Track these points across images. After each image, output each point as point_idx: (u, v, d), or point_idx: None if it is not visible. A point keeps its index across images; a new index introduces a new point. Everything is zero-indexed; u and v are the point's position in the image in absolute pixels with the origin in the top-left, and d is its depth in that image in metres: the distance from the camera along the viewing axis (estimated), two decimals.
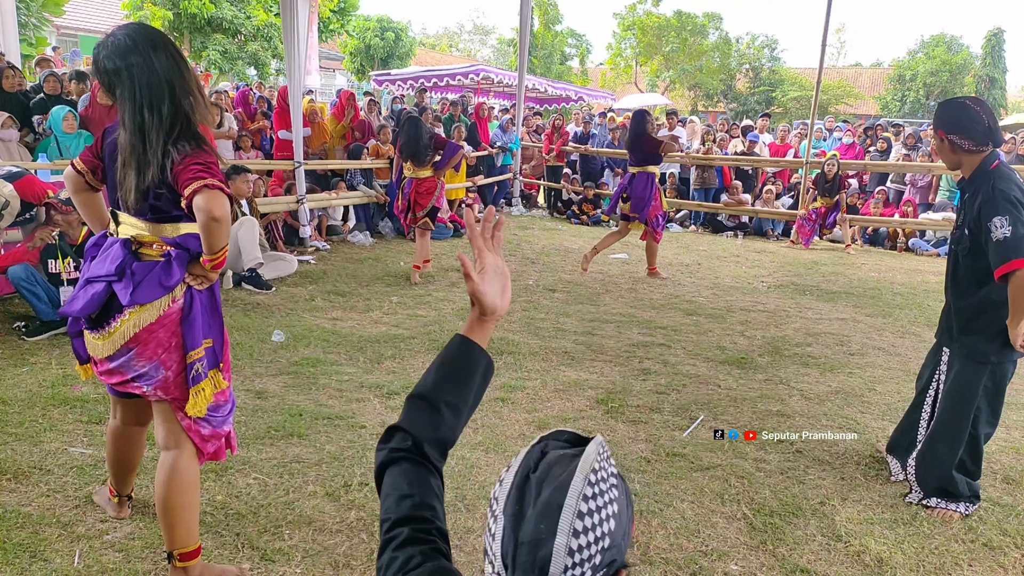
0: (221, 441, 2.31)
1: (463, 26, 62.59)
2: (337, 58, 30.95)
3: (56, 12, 14.95)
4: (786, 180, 11.57)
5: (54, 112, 6.35)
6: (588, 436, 0.98)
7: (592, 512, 0.87)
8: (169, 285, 2.08)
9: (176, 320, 2.12)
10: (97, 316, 2.12)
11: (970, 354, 2.87)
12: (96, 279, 2.10)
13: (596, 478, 0.89)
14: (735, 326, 5.60)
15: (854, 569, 2.55)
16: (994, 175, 2.72)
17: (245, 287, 5.90)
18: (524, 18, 11.32)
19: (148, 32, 2.08)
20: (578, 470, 0.89)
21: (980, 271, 2.77)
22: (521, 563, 0.87)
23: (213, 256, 2.06)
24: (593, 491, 0.88)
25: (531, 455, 0.96)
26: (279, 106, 8.43)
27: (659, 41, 32.60)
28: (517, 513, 0.90)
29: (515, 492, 0.91)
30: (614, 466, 0.95)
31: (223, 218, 1.97)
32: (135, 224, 2.11)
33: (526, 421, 3.61)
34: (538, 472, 0.92)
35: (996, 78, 30.42)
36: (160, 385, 2.15)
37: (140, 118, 2.01)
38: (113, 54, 2.02)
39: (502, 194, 12.00)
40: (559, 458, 0.93)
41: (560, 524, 0.86)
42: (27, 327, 4.50)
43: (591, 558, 0.86)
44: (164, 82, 2.02)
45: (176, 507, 2.17)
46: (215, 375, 2.20)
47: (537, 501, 0.88)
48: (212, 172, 1.99)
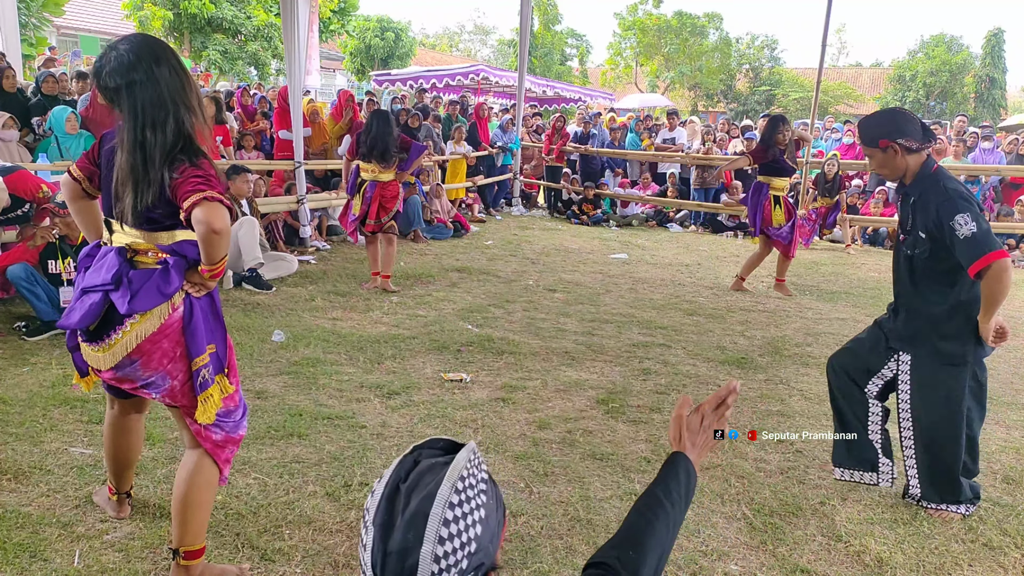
0: (237, 447, 2.29)
1: (463, 26, 62.57)
2: (337, 58, 30.95)
3: (56, 12, 14.97)
4: None
5: (55, 112, 6.35)
6: (461, 444, 1.00)
7: (458, 519, 0.90)
8: (168, 292, 2.05)
9: (179, 329, 2.09)
10: (96, 328, 2.08)
11: (947, 359, 2.81)
12: (92, 289, 2.06)
13: (464, 485, 0.92)
14: (735, 326, 5.60)
15: (854, 569, 2.55)
16: (940, 176, 2.75)
17: (245, 287, 5.90)
18: (524, 18, 11.33)
19: (151, 45, 2.04)
20: (445, 478, 0.92)
21: (947, 273, 2.75)
22: (390, 572, 0.89)
23: (212, 267, 2.04)
24: (460, 498, 0.91)
25: (403, 465, 0.97)
26: (279, 106, 8.43)
27: (659, 41, 32.59)
28: (386, 523, 0.91)
29: (384, 503, 0.93)
30: (485, 471, 0.98)
31: (223, 230, 1.95)
32: (130, 233, 2.08)
33: (527, 421, 3.62)
34: (408, 482, 0.94)
35: (996, 78, 30.42)
36: (167, 393, 2.14)
37: (142, 137, 1.98)
38: (115, 71, 1.98)
39: (502, 194, 12.00)
40: (430, 467, 0.95)
41: (427, 532, 0.88)
42: (27, 327, 4.50)
43: (457, 563, 0.89)
44: (168, 99, 1.99)
45: (192, 504, 2.17)
46: (221, 380, 2.19)
47: (405, 511, 0.91)
48: (211, 184, 1.97)
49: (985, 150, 10.03)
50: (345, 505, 2.75)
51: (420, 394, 3.90)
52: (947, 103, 31.58)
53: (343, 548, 2.49)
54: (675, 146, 11.52)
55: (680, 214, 11.35)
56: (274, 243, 7.24)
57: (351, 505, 2.75)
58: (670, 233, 10.75)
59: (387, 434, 3.38)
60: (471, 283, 6.63)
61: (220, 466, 2.23)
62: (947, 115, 29.10)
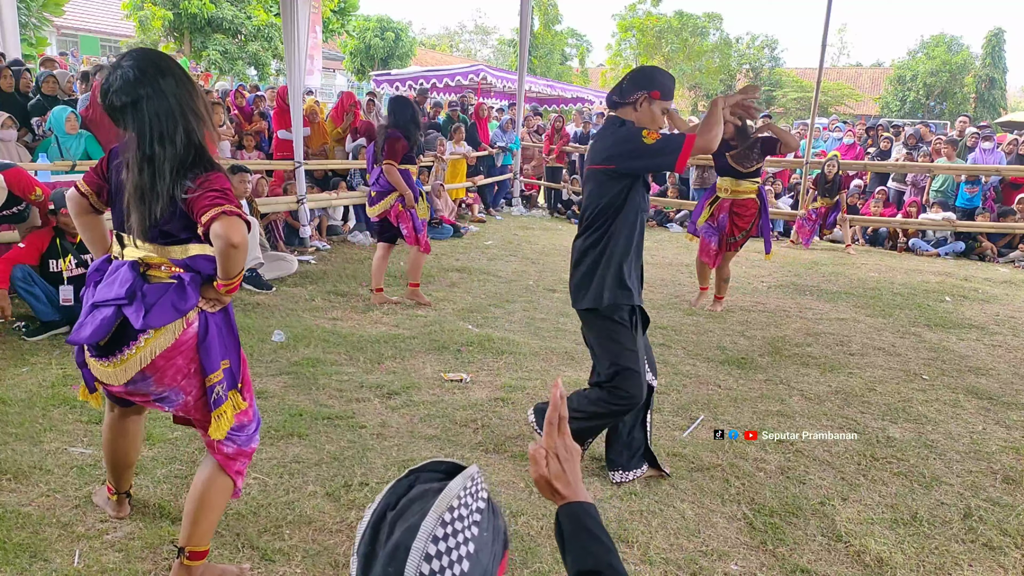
0: (249, 459, 2.28)
1: (464, 26, 62.64)
2: (337, 58, 30.97)
3: (56, 12, 14.97)
4: (786, 180, 11.58)
5: (55, 112, 6.35)
6: (464, 467, 0.94)
7: (441, 554, 0.84)
8: (183, 309, 2.02)
9: (193, 346, 2.06)
10: (107, 343, 2.05)
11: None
12: (104, 303, 2.02)
13: (452, 516, 0.86)
14: (735, 326, 5.60)
15: (854, 569, 2.55)
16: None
17: (245, 287, 5.90)
18: (524, 18, 11.32)
19: (153, 58, 2.01)
20: (432, 508, 0.86)
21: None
22: None
23: (228, 281, 2.02)
24: (445, 531, 0.85)
25: (396, 490, 0.92)
26: (279, 106, 8.43)
27: (659, 41, 32.60)
28: (369, 553, 0.86)
29: (370, 531, 0.88)
30: (484, 499, 0.92)
31: (242, 244, 1.93)
32: (143, 247, 2.05)
33: (527, 421, 3.61)
34: (396, 509, 0.88)
35: (996, 78, 30.45)
36: (181, 408, 2.13)
37: (151, 151, 1.95)
38: (121, 90, 1.95)
39: (502, 194, 12.00)
40: (422, 493, 0.90)
41: (407, 568, 0.83)
42: (27, 327, 4.50)
43: None
44: (176, 111, 1.97)
45: (206, 506, 2.17)
46: (234, 395, 2.17)
47: (388, 542, 0.85)
48: (228, 198, 1.95)
49: (985, 150, 10.02)
50: (345, 505, 2.75)
51: (420, 394, 3.90)
52: (947, 103, 31.61)
53: (343, 548, 2.49)
54: None
55: (680, 214, 11.34)
56: (274, 243, 7.24)
57: (351, 505, 2.75)
58: (670, 233, 10.75)
59: (387, 434, 3.38)
60: (471, 283, 6.63)
61: (232, 478, 2.22)
62: (947, 115, 29.11)
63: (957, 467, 3.35)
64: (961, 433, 3.73)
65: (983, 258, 9.44)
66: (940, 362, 4.89)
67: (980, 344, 5.40)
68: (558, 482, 1.12)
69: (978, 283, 7.76)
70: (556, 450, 1.13)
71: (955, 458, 3.44)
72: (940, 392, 4.31)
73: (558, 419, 1.14)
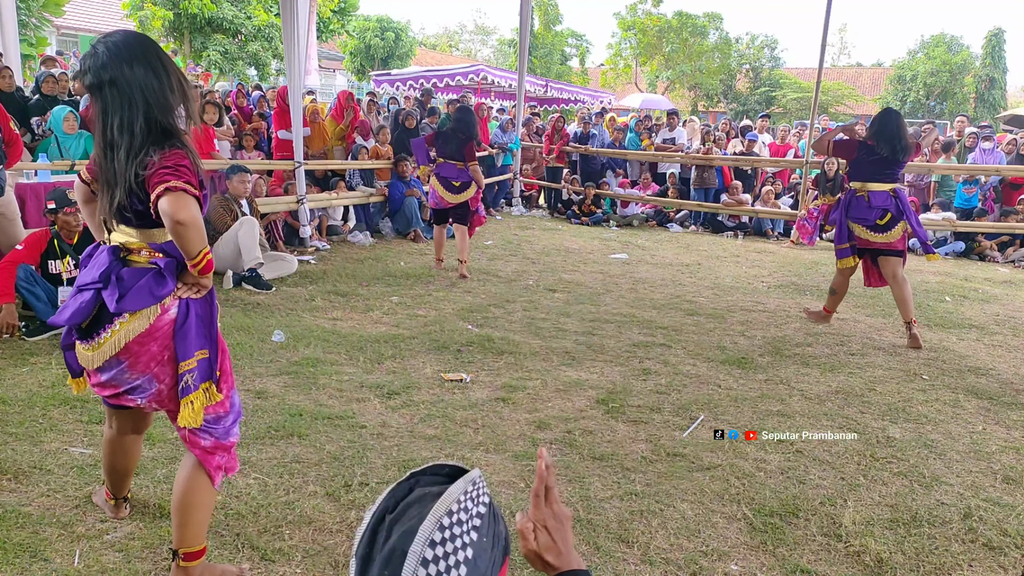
0: (230, 453, 2.26)
1: (464, 26, 62.62)
2: (337, 58, 30.97)
3: (56, 12, 14.95)
4: (786, 180, 11.58)
5: (55, 112, 6.35)
6: (467, 470, 0.94)
7: (439, 559, 0.83)
8: (160, 295, 2.02)
9: (169, 333, 2.06)
10: (88, 326, 2.07)
11: None
12: (85, 287, 2.05)
13: (451, 521, 0.86)
14: (735, 326, 5.60)
15: (854, 569, 2.55)
16: None
17: (245, 287, 5.90)
18: (524, 18, 11.32)
19: (130, 44, 1.98)
20: (431, 513, 0.86)
21: None
22: None
23: (194, 261, 1.99)
24: (443, 536, 0.85)
25: (396, 492, 0.92)
26: (279, 106, 8.42)
27: (659, 41, 32.60)
28: (366, 556, 0.86)
29: (368, 534, 0.88)
30: (485, 503, 0.91)
31: (188, 221, 1.89)
32: (124, 231, 2.07)
33: (527, 421, 3.61)
34: (395, 512, 0.88)
35: (996, 78, 30.43)
36: (154, 398, 2.12)
37: (110, 136, 1.96)
38: (90, 70, 1.95)
39: (502, 194, 12.00)
40: (421, 497, 0.90)
41: (403, 572, 0.82)
42: (27, 327, 4.49)
43: None
44: (137, 101, 1.94)
45: (190, 506, 2.16)
46: (208, 387, 2.12)
47: (385, 545, 0.85)
48: (179, 174, 1.91)
49: (985, 150, 10.02)
50: (345, 505, 2.75)
51: (420, 394, 3.90)
52: (947, 103, 31.60)
53: (343, 548, 2.49)
54: (675, 146, 11.52)
55: (680, 214, 11.34)
56: (274, 243, 7.24)
57: (351, 505, 2.75)
58: (670, 233, 10.75)
59: (387, 434, 3.38)
60: (471, 283, 6.63)
61: (211, 473, 2.18)
62: (947, 115, 29.10)
63: (957, 467, 3.35)
64: (961, 433, 3.73)
65: (983, 258, 9.44)
66: (940, 362, 4.89)
67: (980, 344, 5.39)
68: (549, 554, 1.08)
69: (978, 283, 7.76)
70: (544, 521, 1.09)
71: (955, 458, 3.44)
72: (940, 392, 4.31)
73: (544, 490, 1.09)
